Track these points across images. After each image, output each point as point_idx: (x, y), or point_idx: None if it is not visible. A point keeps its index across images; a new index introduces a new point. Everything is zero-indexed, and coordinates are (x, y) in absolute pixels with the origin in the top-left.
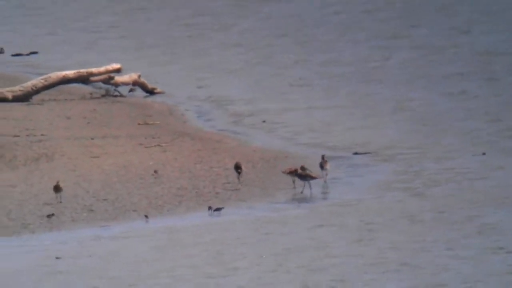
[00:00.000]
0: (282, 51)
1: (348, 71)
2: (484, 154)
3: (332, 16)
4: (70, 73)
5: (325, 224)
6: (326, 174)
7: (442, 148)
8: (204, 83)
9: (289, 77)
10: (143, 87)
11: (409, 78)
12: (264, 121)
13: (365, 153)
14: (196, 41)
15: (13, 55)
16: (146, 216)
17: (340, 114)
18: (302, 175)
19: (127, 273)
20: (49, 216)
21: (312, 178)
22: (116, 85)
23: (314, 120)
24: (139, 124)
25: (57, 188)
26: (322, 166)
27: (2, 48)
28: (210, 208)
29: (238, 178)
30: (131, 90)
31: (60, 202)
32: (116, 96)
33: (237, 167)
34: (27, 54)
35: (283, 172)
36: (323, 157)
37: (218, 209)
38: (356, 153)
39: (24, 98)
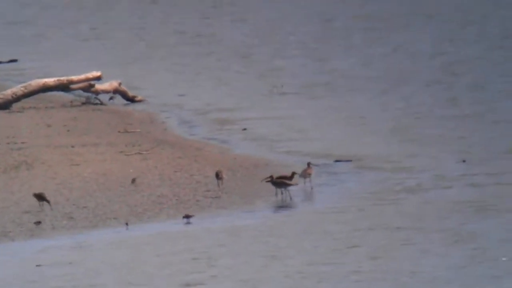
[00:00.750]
0: (262, 59)
1: (329, 79)
2: (464, 161)
3: (314, 23)
4: (50, 80)
5: (305, 231)
6: (310, 181)
7: (423, 156)
8: (185, 91)
9: (269, 84)
10: (124, 95)
11: (389, 87)
12: (244, 129)
13: (346, 161)
14: (176, 49)
15: None
16: (127, 224)
17: (321, 122)
18: (277, 182)
19: (108, 280)
20: (36, 223)
21: (288, 185)
22: (97, 93)
23: (295, 127)
24: (119, 132)
25: (40, 197)
26: (304, 173)
27: None
28: (185, 216)
29: (218, 185)
30: (111, 98)
31: (45, 210)
32: (96, 104)
33: (218, 175)
34: (7, 62)
35: (262, 181)
36: (308, 164)
37: (188, 217)
38: (337, 161)
39: (4, 105)
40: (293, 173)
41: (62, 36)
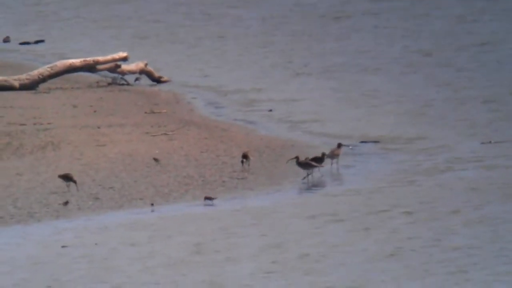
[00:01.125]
0: (286, 40)
1: (353, 61)
2: (490, 142)
3: (335, 6)
4: (76, 61)
5: (327, 213)
6: (337, 162)
7: (449, 137)
8: (211, 72)
9: (295, 65)
10: (150, 76)
11: (411, 67)
12: (270, 110)
13: (373, 142)
14: (202, 30)
15: (20, 44)
16: (152, 204)
17: (346, 103)
18: (303, 163)
19: (132, 261)
20: (64, 203)
21: (313, 166)
22: (123, 73)
23: (320, 108)
24: (145, 112)
25: (67, 177)
26: (331, 153)
27: (8, 37)
28: (206, 198)
29: (244, 166)
30: (137, 79)
31: (68, 191)
32: (122, 84)
33: (245, 156)
34: (34, 43)
35: (288, 161)
36: (339, 145)
37: (210, 199)
38: (363, 142)
39: (30, 86)
40: (323, 154)
41: (88, 18)
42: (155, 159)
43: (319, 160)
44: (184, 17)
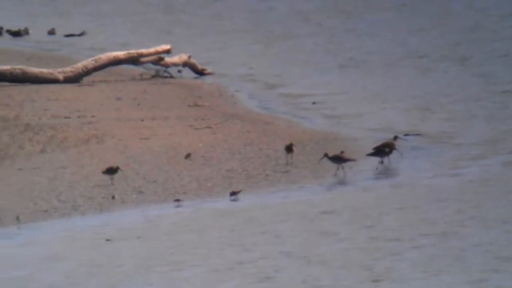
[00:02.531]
0: (330, 33)
1: (398, 54)
2: None
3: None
4: (120, 54)
5: (371, 206)
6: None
7: (495, 131)
8: (254, 64)
9: (339, 58)
10: (193, 68)
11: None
12: (314, 103)
13: (415, 135)
14: (243, 24)
15: (65, 36)
16: (177, 200)
17: (390, 96)
18: (334, 157)
19: (175, 256)
20: (112, 197)
21: (345, 160)
22: (166, 66)
23: (363, 101)
24: (189, 105)
25: (110, 170)
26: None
27: (53, 29)
28: (231, 193)
29: (287, 159)
30: (179, 71)
31: (115, 184)
32: (166, 77)
33: (289, 148)
34: (79, 35)
35: (318, 162)
36: (395, 137)
37: (234, 193)
38: (406, 135)
39: (74, 79)
40: (396, 137)
41: (131, 11)
42: (187, 155)
43: (383, 150)
44: (227, 11)
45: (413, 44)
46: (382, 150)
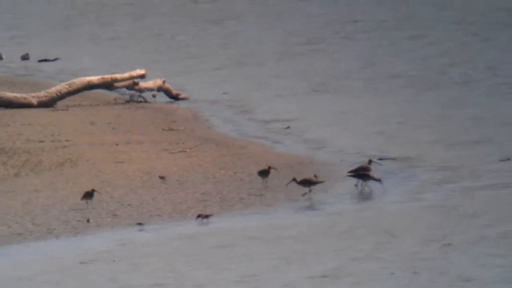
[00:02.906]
0: (303, 58)
1: (369, 77)
2: (509, 159)
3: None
4: (94, 78)
5: (342, 230)
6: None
7: (465, 155)
8: (229, 89)
9: (310, 82)
10: (168, 93)
11: (427, 86)
12: (288, 127)
13: (390, 159)
14: (220, 49)
15: (39, 61)
16: (140, 224)
17: (363, 120)
18: (302, 181)
19: (150, 278)
20: (87, 221)
21: (314, 183)
22: (141, 91)
23: (337, 126)
24: (163, 129)
25: (88, 194)
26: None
27: (27, 54)
28: (199, 216)
29: (263, 183)
30: (153, 96)
31: (90, 207)
32: (140, 102)
33: (265, 172)
34: (53, 60)
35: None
36: (370, 161)
37: (203, 216)
38: (380, 159)
39: (49, 103)
40: (370, 161)
41: (104, 36)
42: (161, 177)
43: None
44: (200, 35)
45: (386, 67)
46: (363, 174)
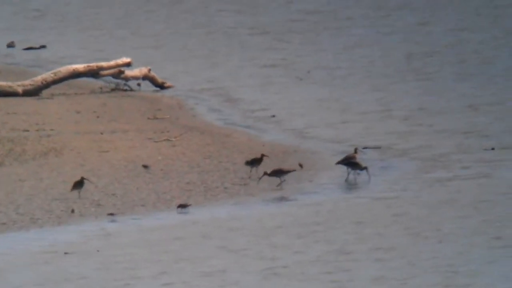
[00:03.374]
0: (290, 47)
1: (356, 66)
2: (493, 149)
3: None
4: (80, 67)
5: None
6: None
7: (451, 144)
8: (214, 77)
9: (298, 71)
10: (153, 81)
11: (416, 74)
12: (273, 116)
13: (375, 147)
14: (205, 37)
15: (24, 49)
16: (111, 214)
17: (348, 109)
18: (273, 172)
19: (135, 268)
20: (72, 211)
21: (285, 172)
22: (126, 79)
23: (322, 114)
24: (148, 118)
25: (79, 183)
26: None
27: (13, 42)
28: (180, 205)
29: (251, 171)
30: (139, 84)
31: (81, 196)
32: (126, 90)
33: (258, 160)
34: (38, 48)
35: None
36: (355, 149)
37: (183, 206)
38: (365, 148)
39: (34, 92)
40: (356, 149)
41: (90, 23)
42: (145, 166)
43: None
44: (187, 24)
45: (372, 57)
46: (352, 162)
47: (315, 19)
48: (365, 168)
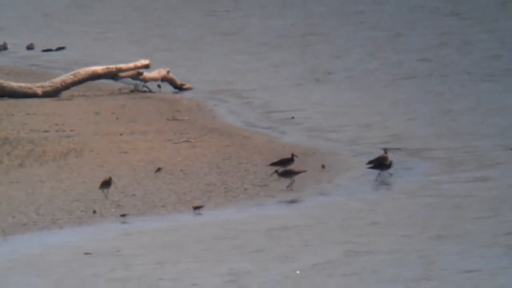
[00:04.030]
0: (307, 48)
1: (374, 67)
2: (511, 149)
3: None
4: (99, 68)
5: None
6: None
7: (472, 145)
8: (233, 79)
9: (316, 72)
10: (172, 83)
11: (434, 76)
12: (292, 117)
13: (395, 149)
14: (225, 39)
15: (43, 51)
16: (123, 215)
17: (367, 110)
18: (284, 172)
19: (153, 268)
20: (94, 212)
21: (296, 173)
22: (145, 80)
23: (342, 115)
24: (167, 119)
25: (106, 183)
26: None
27: (32, 44)
28: (194, 207)
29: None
30: (158, 86)
31: (107, 198)
32: (144, 92)
33: (289, 160)
34: (56, 50)
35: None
36: (385, 150)
37: (198, 207)
38: (385, 149)
39: (53, 93)
40: (385, 150)
41: (109, 26)
42: (158, 169)
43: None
44: (208, 26)
45: (390, 59)
46: (382, 164)
47: (335, 18)
48: (391, 164)
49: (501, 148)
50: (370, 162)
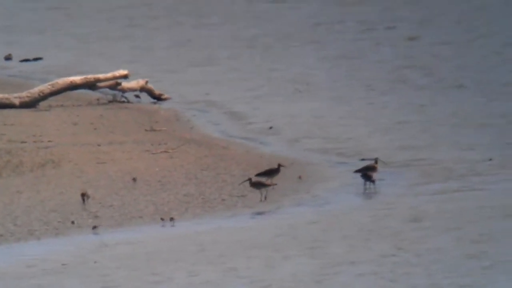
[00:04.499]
0: (285, 59)
1: (353, 77)
2: (490, 160)
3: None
4: (77, 79)
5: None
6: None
7: (453, 157)
8: (211, 89)
9: (294, 82)
10: (150, 93)
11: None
12: (271, 127)
13: (371, 159)
14: (202, 48)
15: (21, 61)
16: (95, 227)
17: (346, 121)
18: (255, 183)
19: (131, 279)
20: (72, 222)
21: (266, 186)
22: (123, 91)
23: (320, 126)
24: (146, 130)
25: (84, 194)
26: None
27: (10, 54)
28: (171, 219)
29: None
30: (136, 96)
31: (85, 209)
32: (123, 102)
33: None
34: (34, 60)
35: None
36: (376, 160)
37: (173, 219)
38: (363, 159)
39: (31, 104)
40: (376, 159)
41: (87, 35)
42: (134, 179)
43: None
44: (184, 35)
45: (371, 68)
46: (368, 175)
47: (314, 28)
48: (373, 181)
49: (481, 159)
50: (358, 170)
